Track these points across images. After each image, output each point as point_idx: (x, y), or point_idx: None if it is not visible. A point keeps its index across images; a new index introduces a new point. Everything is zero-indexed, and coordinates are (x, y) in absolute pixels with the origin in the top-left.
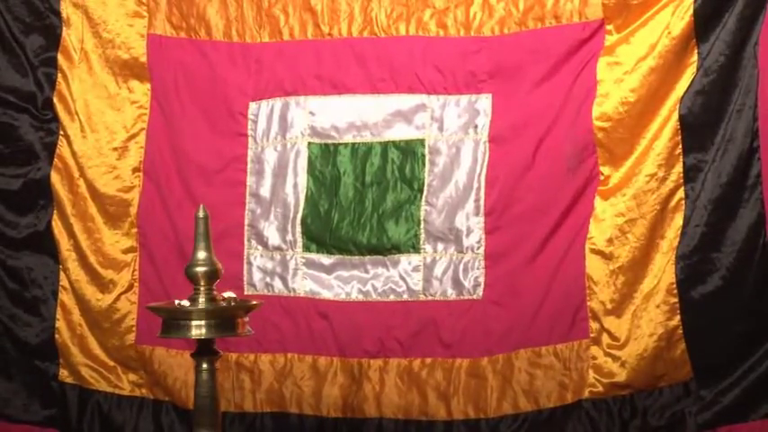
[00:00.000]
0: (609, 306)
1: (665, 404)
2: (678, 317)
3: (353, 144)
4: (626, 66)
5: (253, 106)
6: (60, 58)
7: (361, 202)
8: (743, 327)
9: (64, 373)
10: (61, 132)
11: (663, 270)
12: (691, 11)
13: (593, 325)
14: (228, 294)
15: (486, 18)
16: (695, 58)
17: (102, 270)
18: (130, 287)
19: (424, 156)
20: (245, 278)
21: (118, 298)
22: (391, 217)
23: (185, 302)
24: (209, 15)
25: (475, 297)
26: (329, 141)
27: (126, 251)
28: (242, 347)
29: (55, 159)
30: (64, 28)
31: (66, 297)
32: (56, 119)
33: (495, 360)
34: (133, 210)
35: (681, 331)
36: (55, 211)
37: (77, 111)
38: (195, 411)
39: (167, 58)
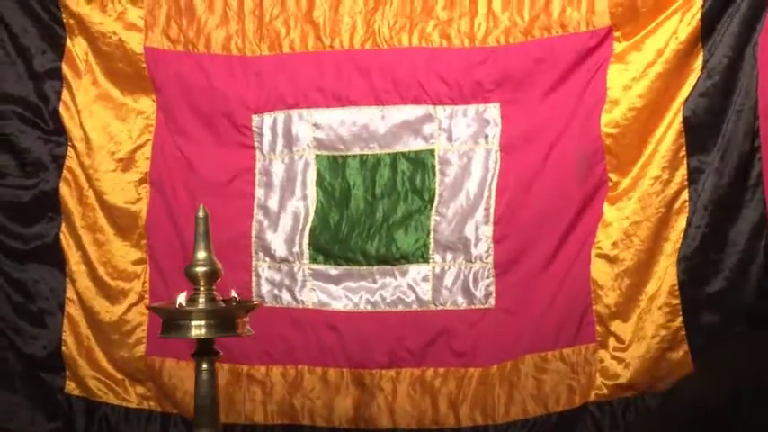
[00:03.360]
0: (614, 309)
1: None
2: (680, 318)
3: (362, 156)
4: (634, 72)
5: (255, 119)
6: (65, 68)
7: (372, 214)
8: (746, 328)
9: (71, 386)
10: (69, 144)
11: (666, 272)
12: (699, 16)
13: (600, 329)
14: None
15: (492, 28)
16: (700, 61)
17: (112, 281)
18: (141, 299)
19: (434, 166)
20: (253, 290)
21: (128, 309)
22: (400, 227)
23: (185, 302)
24: (210, 29)
25: (487, 306)
26: (336, 153)
27: (136, 263)
28: (253, 359)
29: (64, 171)
30: (68, 38)
31: (73, 309)
32: (63, 130)
33: (503, 367)
34: (141, 221)
35: (683, 333)
36: (63, 223)
37: (83, 121)
38: (195, 411)
39: (166, 71)
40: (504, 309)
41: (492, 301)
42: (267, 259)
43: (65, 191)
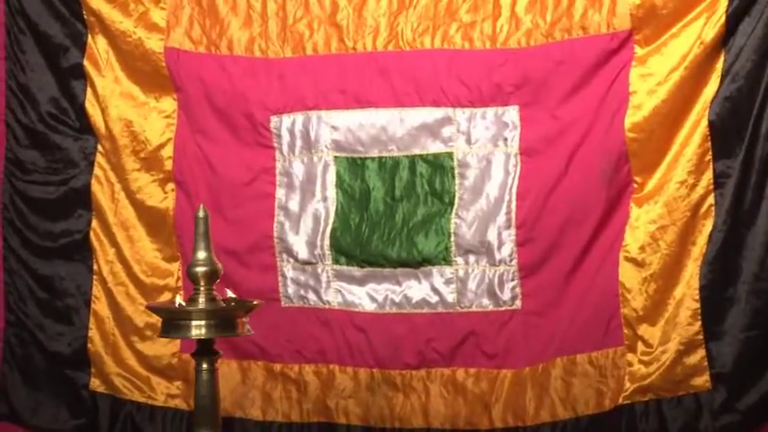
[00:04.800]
0: (641, 313)
1: (684, 410)
2: (699, 323)
3: (380, 158)
4: (658, 76)
5: (274, 120)
6: (87, 65)
7: (392, 216)
8: (762, 333)
9: (95, 383)
10: (98, 141)
11: (692, 277)
12: (723, 19)
13: (627, 332)
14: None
15: (513, 30)
16: (721, 63)
17: (147, 279)
18: (175, 295)
19: (453, 169)
20: (280, 291)
21: None
22: (421, 230)
23: (185, 302)
24: (233, 31)
25: (514, 308)
26: (355, 155)
27: (169, 260)
28: (285, 358)
29: (95, 168)
30: (89, 35)
31: (99, 306)
32: (90, 127)
33: (534, 369)
34: (170, 219)
35: (701, 337)
36: (94, 220)
37: (106, 119)
38: (195, 411)
39: (188, 71)
40: (531, 311)
41: (518, 303)
42: (291, 260)
43: (96, 188)
